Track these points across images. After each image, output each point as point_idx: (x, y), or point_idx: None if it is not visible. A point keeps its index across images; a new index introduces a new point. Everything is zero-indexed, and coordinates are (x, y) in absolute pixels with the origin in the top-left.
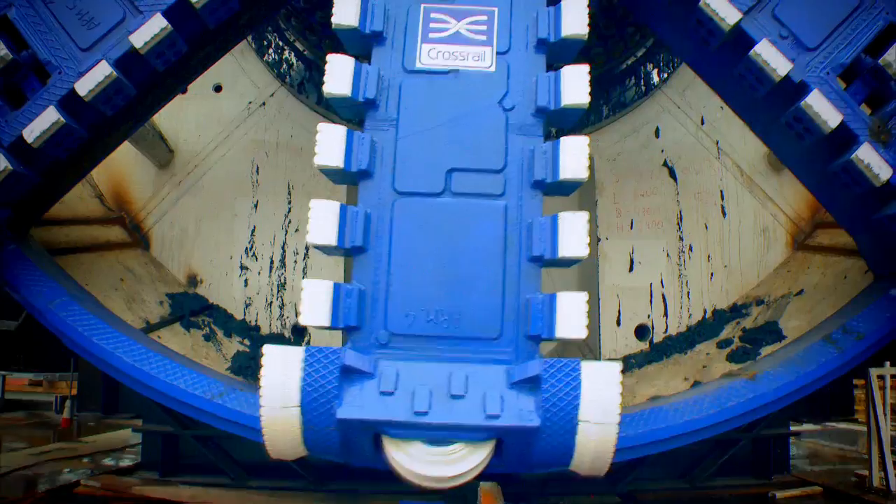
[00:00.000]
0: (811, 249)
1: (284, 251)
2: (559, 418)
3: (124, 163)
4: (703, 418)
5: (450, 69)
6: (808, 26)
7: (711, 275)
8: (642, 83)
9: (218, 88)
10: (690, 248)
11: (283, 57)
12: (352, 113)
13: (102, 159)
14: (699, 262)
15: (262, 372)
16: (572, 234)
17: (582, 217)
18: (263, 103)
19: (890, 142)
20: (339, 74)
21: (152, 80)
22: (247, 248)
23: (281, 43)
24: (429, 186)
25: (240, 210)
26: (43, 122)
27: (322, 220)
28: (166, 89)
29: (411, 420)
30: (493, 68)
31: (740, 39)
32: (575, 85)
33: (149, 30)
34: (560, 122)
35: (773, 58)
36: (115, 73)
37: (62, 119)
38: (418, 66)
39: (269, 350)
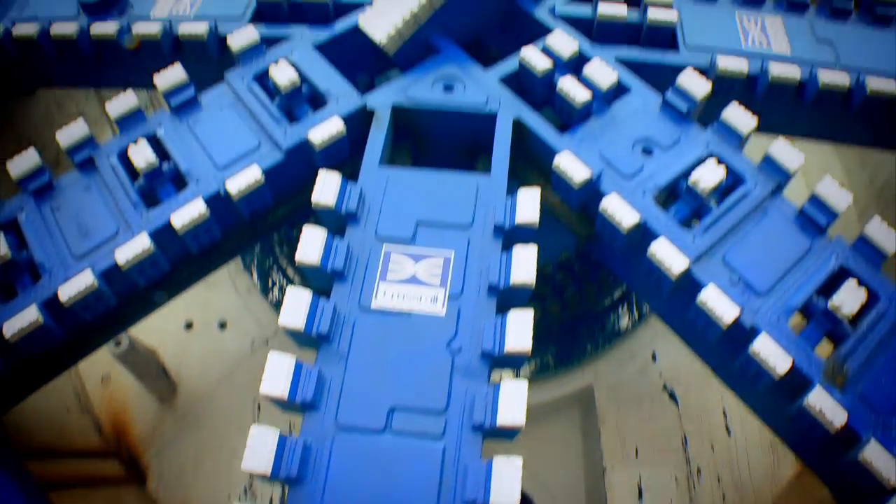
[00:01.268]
0: None
1: (284, 491)
2: None
3: (126, 396)
4: None
5: (403, 311)
6: (759, 271)
7: (723, 496)
8: (635, 310)
9: (223, 325)
10: (699, 471)
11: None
12: (306, 343)
13: (78, 361)
14: (710, 484)
15: None
16: (503, 482)
17: (514, 464)
18: (266, 341)
19: (846, 385)
20: (294, 308)
21: (133, 293)
22: (246, 488)
23: (284, 283)
24: (371, 423)
25: (240, 448)
26: (22, 320)
27: (258, 450)
28: (148, 302)
29: None
30: (444, 311)
31: (691, 285)
32: (517, 331)
33: (132, 248)
34: (505, 366)
35: (719, 304)
36: (96, 283)
37: (41, 319)
38: (374, 306)
39: None
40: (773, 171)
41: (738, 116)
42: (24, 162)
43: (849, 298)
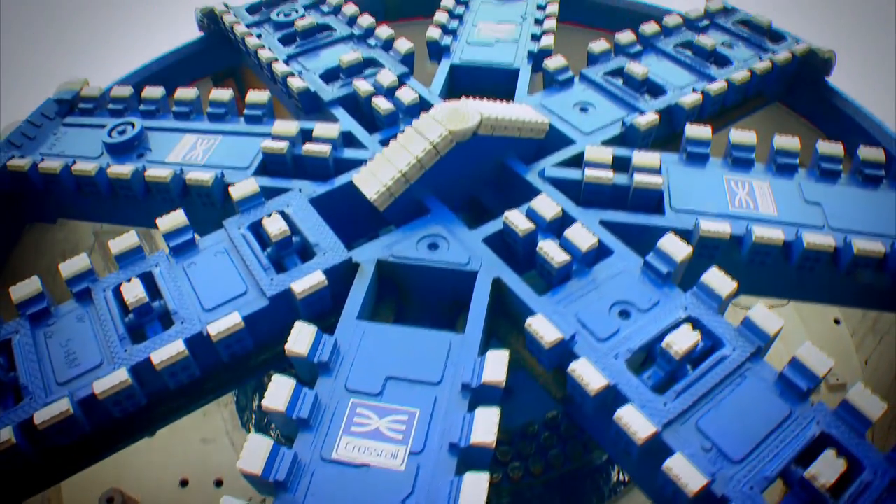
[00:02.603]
0: None
1: None
2: None
3: None
4: None
5: (362, 464)
6: (735, 438)
7: None
8: None
9: (219, 483)
10: None
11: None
12: (264, 490)
13: (53, 484)
14: None
15: None
16: None
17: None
18: (263, 500)
19: None
20: (254, 454)
21: (110, 423)
22: None
23: (283, 440)
24: None
25: None
26: None
27: None
28: (125, 434)
29: None
30: (403, 468)
31: (660, 451)
32: (471, 495)
33: (110, 380)
34: None
35: (685, 472)
36: (71, 410)
37: (13, 439)
38: (334, 456)
39: None
40: (752, 334)
41: (718, 280)
42: (26, 288)
43: (826, 469)
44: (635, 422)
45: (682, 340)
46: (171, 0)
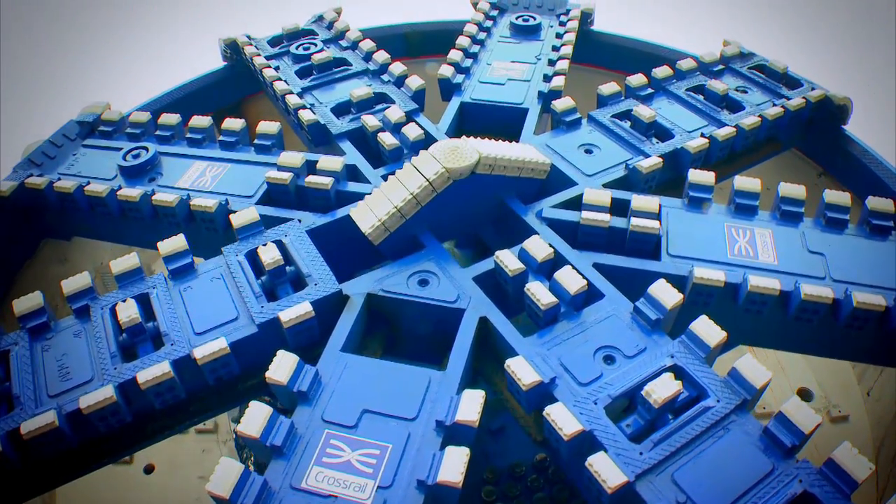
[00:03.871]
0: None
1: None
2: None
3: None
4: None
5: (330, 495)
6: (711, 492)
7: None
8: None
9: None
10: None
11: None
12: None
13: (38, 494)
14: None
15: None
16: None
17: None
18: None
19: None
20: (223, 478)
21: (96, 438)
22: None
23: None
24: None
25: None
26: None
27: None
28: (111, 451)
29: None
30: (369, 502)
31: (633, 501)
32: None
33: (95, 396)
34: None
35: None
36: (56, 423)
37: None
38: (303, 485)
39: None
40: (738, 386)
41: (707, 329)
42: (27, 302)
43: None
44: (606, 470)
45: (663, 389)
46: (199, 30)
